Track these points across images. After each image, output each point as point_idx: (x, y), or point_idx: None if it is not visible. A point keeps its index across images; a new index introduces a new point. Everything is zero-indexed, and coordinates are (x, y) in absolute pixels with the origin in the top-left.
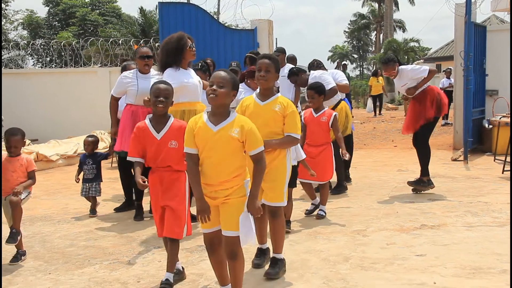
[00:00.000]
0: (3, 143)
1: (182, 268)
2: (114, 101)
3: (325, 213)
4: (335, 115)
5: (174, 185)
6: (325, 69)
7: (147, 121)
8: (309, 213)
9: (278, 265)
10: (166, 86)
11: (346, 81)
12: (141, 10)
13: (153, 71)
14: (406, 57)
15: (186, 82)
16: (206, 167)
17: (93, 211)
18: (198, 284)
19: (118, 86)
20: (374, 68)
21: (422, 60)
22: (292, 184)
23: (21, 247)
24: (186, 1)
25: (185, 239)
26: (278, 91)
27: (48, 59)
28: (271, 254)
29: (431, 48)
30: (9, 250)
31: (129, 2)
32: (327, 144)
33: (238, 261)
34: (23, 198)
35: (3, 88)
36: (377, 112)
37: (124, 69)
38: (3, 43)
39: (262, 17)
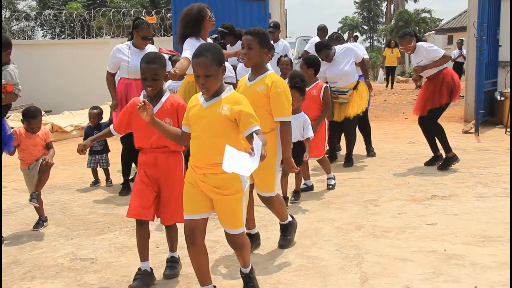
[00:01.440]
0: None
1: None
2: (111, 76)
3: (335, 180)
4: (325, 87)
5: (175, 171)
6: (344, 41)
7: (141, 97)
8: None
9: (288, 231)
10: (154, 65)
11: (367, 56)
12: None
13: (149, 46)
14: (417, 28)
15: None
16: (194, 146)
17: (109, 181)
18: (215, 250)
19: (112, 60)
20: (384, 40)
21: (433, 32)
22: (299, 162)
23: (42, 214)
24: None
25: None
26: (291, 64)
27: (58, 30)
28: (279, 224)
29: (442, 19)
30: (32, 217)
31: None
32: (317, 118)
33: (244, 248)
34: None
35: (15, 59)
36: (389, 85)
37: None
38: (15, 14)
39: None
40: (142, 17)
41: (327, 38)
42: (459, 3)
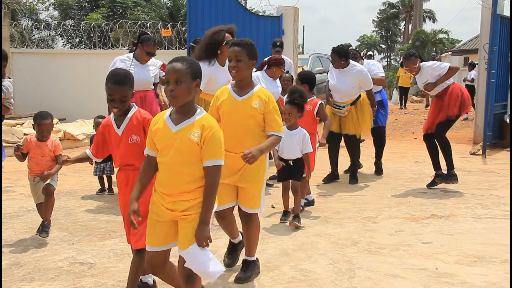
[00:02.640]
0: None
1: (154, 281)
2: None
3: (312, 199)
4: (320, 103)
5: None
6: (361, 58)
7: (111, 115)
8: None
9: (250, 268)
10: (123, 86)
11: (383, 74)
12: None
13: (152, 60)
14: (434, 49)
15: (215, 78)
16: (163, 173)
17: (111, 189)
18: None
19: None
20: (401, 59)
21: (450, 53)
22: (298, 178)
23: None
24: None
25: None
26: (292, 81)
27: (77, 40)
28: (244, 256)
29: (461, 40)
30: (37, 221)
31: None
32: (312, 135)
33: (194, 285)
34: (52, 183)
35: (34, 67)
36: (403, 104)
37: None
38: (35, 23)
39: (288, 4)
40: (158, 28)
41: None
42: (477, 25)
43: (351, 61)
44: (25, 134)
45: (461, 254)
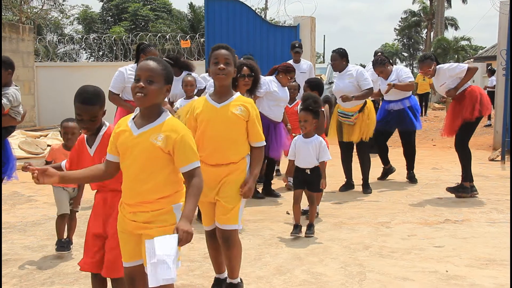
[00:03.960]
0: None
1: None
2: (115, 95)
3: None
4: (321, 111)
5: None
6: (390, 64)
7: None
8: (303, 213)
9: None
10: (92, 106)
11: (411, 79)
12: (191, 5)
13: None
14: (456, 56)
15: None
16: (124, 181)
17: None
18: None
19: (117, 81)
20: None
21: (472, 59)
22: (317, 189)
23: (69, 236)
24: None
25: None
26: (298, 89)
27: (100, 53)
28: (227, 279)
29: (484, 47)
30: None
31: None
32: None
33: None
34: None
35: (57, 80)
36: (423, 112)
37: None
38: (59, 38)
39: (305, 14)
40: (177, 39)
41: (372, 62)
42: None
43: (348, 64)
44: (48, 146)
45: (472, 257)
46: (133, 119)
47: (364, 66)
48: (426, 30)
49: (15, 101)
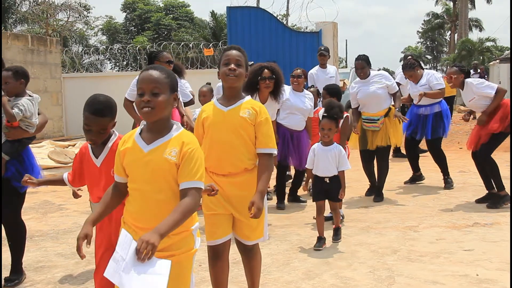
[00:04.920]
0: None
1: None
2: (129, 103)
3: (343, 215)
4: (346, 116)
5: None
6: (421, 68)
7: (89, 147)
8: (327, 219)
9: None
10: (103, 118)
11: (441, 86)
12: (212, 13)
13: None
14: (481, 58)
15: None
16: (135, 202)
17: None
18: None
19: (133, 89)
20: (447, 69)
21: (497, 61)
22: (336, 198)
23: None
24: (256, 5)
25: None
26: (319, 95)
27: (124, 63)
28: None
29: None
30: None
31: (201, 6)
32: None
33: None
34: None
35: (84, 91)
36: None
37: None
38: (84, 49)
39: (327, 20)
40: (201, 48)
41: (401, 66)
42: None
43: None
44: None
45: (503, 260)
46: (140, 134)
47: (387, 70)
48: (449, 32)
49: (26, 111)
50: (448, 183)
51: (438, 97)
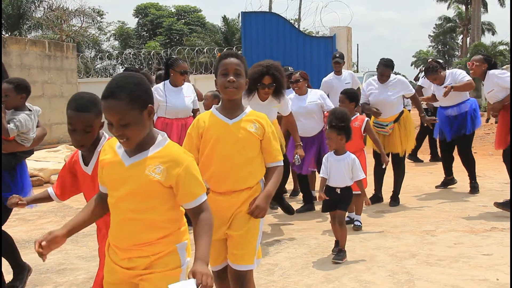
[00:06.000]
0: None
1: None
2: None
3: (361, 224)
4: (367, 120)
5: None
6: (443, 69)
7: (79, 151)
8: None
9: None
10: (87, 113)
11: (468, 78)
12: (224, 18)
13: (185, 83)
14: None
15: None
16: (113, 219)
17: None
18: (274, 272)
19: None
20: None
21: (494, 59)
22: (344, 208)
23: None
24: (267, 10)
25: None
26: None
27: (137, 67)
28: None
29: None
30: None
31: (213, 11)
32: (360, 151)
33: None
34: None
35: (98, 95)
36: None
37: (159, 79)
38: (98, 54)
39: (341, 24)
40: (215, 52)
41: (424, 70)
42: None
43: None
44: None
45: None
46: (120, 146)
47: (398, 75)
48: (461, 36)
49: (22, 127)
50: (474, 188)
51: (468, 89)
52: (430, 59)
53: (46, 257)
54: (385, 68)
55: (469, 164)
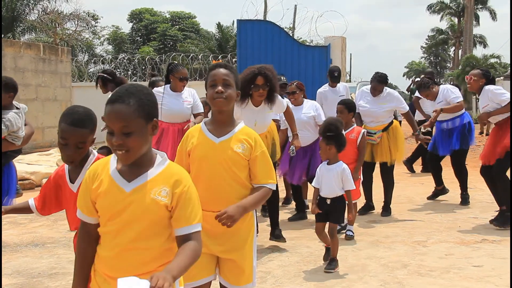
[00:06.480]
0: None
1: None
2: None
3: (353, 233)
4: (364, 132)
5: None
6: (436, 84)
7: (66, 166)
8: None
9: None
10: (82, 129)
11: (458, 99)
12: (218, 25)
13: (186, 89)
14: None
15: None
16: (109, 249)
17: None
18: (266, 280)
19: None
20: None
21: (502, 77)
22: (338, 220)
23: None
24: (262, 19)
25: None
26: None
27: (130, 72)
28: None
29: None
30: None
31: (207, 18)
32: (356, 162)
33: None
34: None
35: (91, 99)
36: None
37: (152, 85)
38: (91, 58)
39: (336, 34)
40: (209, 59)
41: (416, 87)
42: None
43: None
44: None
45: None
46: (116, 167)
47: (389, 85)
48: (453, 48)
49: (12, 126)
50: (465, 200)
51: (457, 111)
52: (423, 76)
53: None
54: (378, 83)
55: (462, 176)
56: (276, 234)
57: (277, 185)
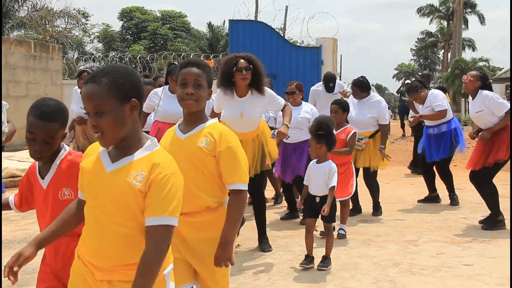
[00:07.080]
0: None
1: None
2: (143, 116)
3: (345, 232)
4: (354, 132)
5: None
6: (426, 88)
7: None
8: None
9: None
10: (51, 123)
11: (441, 108)
12: (209, 25)
13: None
14: None
15: (229, 115)
16: (91, 232)
17: None
18: (260, 278)
19: (147, 102)
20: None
21: (490, 81)
22: (330, 219)
23: None
24: (254, 19)
25: (250, 242)
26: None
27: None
28: None
29: (503, 68)
30: None
31: (198, 18)
32: (348, 163)
33: None
34: None
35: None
36: None
37: (154, 81)
38: (81, 55)
39: (327, 35)
40: (201, 58)
41: (406, 89)
42: None
43: (371, 92)
44: None
45: (503, 276)
46: (107, 148)
47: (379, 86)
48: (443, 50)
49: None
50: (454, 200)
51: (436, 119)
52: (413, 79)
53: (17, 280)
54: (356, 87)
55: (447, 178)
56: (262, 248)
57: (263, 192)
